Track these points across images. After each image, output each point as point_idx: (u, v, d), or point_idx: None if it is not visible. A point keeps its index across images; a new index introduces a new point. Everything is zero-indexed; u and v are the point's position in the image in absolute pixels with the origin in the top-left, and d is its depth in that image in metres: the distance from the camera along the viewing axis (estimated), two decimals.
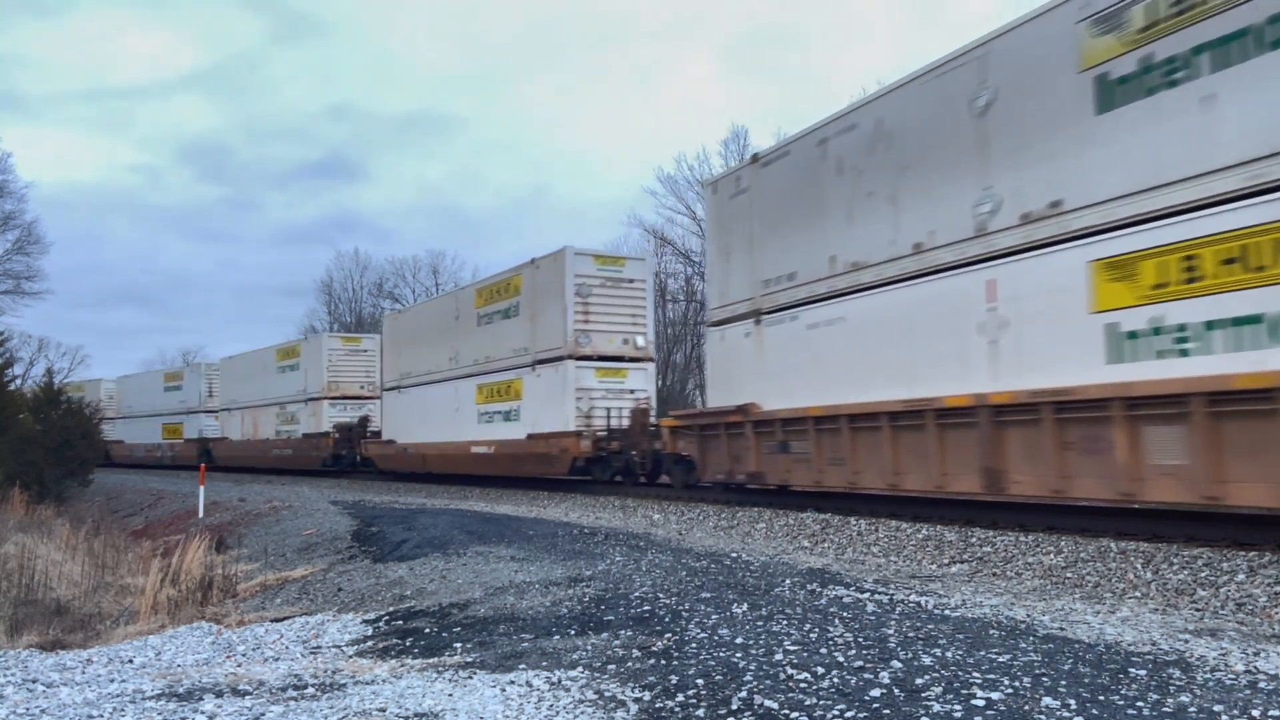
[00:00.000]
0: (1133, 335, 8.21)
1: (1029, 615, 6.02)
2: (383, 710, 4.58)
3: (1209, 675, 4.44)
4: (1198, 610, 6.53)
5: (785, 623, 5.82)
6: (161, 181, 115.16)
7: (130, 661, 6.99)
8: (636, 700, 4.45)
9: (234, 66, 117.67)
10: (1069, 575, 7.82)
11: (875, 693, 4.24)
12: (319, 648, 6.96)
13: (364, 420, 29.84)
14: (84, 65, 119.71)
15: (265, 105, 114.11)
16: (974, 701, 4.03)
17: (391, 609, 8.12)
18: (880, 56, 69.94)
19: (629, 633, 5.88)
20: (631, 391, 19.17)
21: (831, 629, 5.59)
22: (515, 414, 20.52)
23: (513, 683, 4.95)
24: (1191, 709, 3.90)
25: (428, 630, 6.79)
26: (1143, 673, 4.48)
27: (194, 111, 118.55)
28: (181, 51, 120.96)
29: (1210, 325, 7.62)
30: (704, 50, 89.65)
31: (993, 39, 9.79)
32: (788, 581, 7.38)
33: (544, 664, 5.31)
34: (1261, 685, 4.27)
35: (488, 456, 21.32)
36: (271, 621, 8.49)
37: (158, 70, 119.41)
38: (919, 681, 4.38)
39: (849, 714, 3.97)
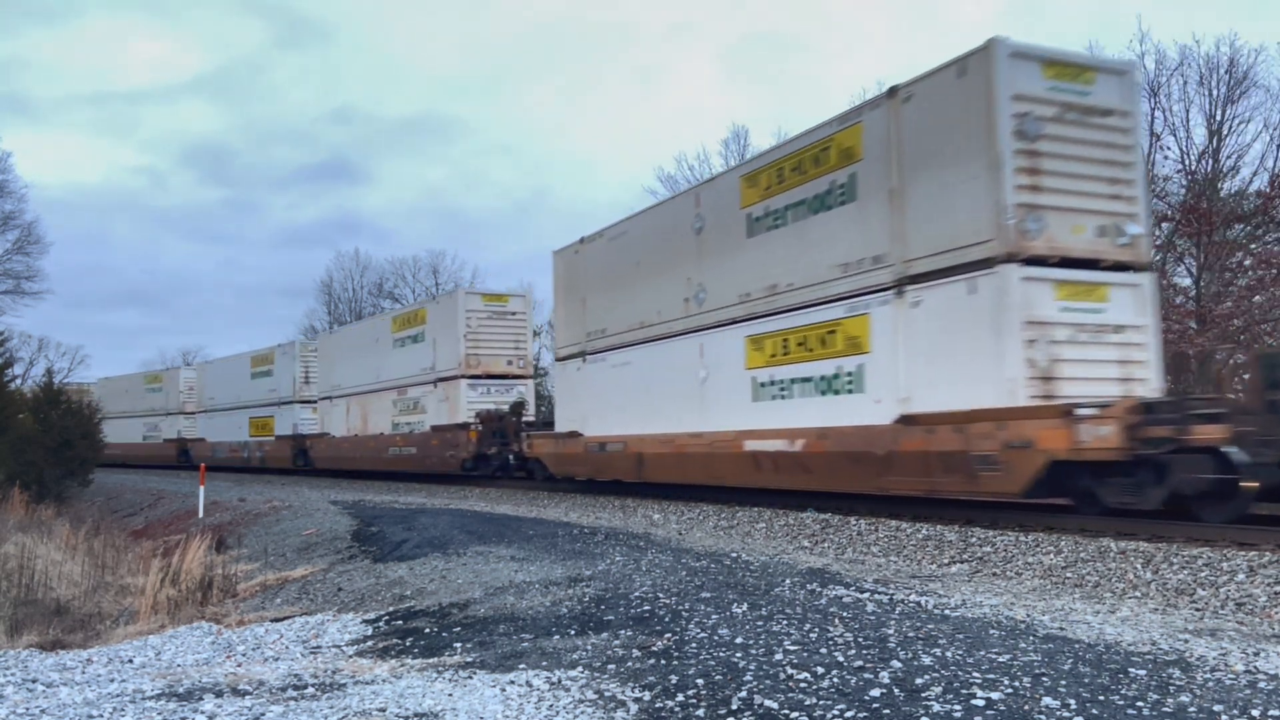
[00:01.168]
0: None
1: (1029, 615, 6.02)
2: (383, 710, 4.58)
3: (1209, 675, 4.44)
4: (1198, 610, 6.53)
5: (785, 623, 5.82)
6: (164, 183, 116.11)
7: (130, 661, 6.99)
8: (636, 700, 4.45)
9: (238, 70, 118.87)
10: (1069, 575, 7.82)
11: (875, 692, 4.24)
12: (319, 648, 6.96)
13: (518, 406, 22.55)
14: (89, 69, 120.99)
15: (268, 108, 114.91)
16: (974, 701, 4.03)
17: (391, 609, 8.12)
18: (877, 61, 70.20)
19: (629, 632, 5.88)
20: None
21: (831, 629, 5.59)
22: (852, 381, 11.56)
23: (513, 683, 4.95)
24: (1191, 709, 3.90)
25: (428, 630, 6.79)
26: (1143, 673, 4.48)
27: (197, 115, 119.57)
28: (186, 56, 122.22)
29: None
30: (703, 55, 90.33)
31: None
32: (788, 581, 7.38)
33: (544, 664, 5.31)
34: (1261, 685, 4.27)
35: (785, 457, 12.48)
36: (271, 621, 8.49)
37: (162, 74, 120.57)
38: (919, 681, 4.38)
39: (849, 714, 3.97)
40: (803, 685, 4.43)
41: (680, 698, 4.41)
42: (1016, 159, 9.41)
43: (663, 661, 5.08)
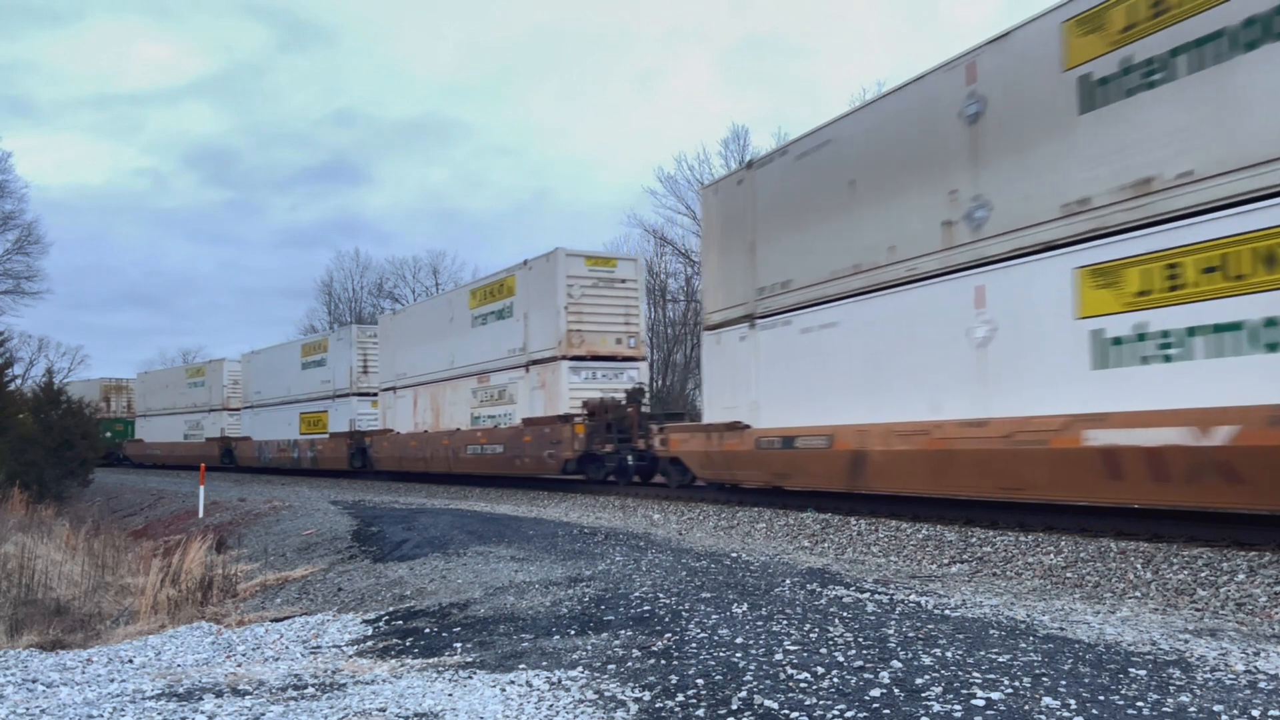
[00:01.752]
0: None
1: (1029, 615, 6.02)
2: (383, 710, 4.58)
3: (1209, 675, 4.44)
4: (1198, 610, 6.53)
5: (785, 623, 5.82)
6: (167, 185, 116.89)
7: (130, 661, 7.00)
8: (636, 700, 4.45)
9: (241, 74, 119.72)
10: (1069, 575, 7.82)
11: (875, 693, 4.24)
12: (319, 648, 6.96)
13: (637, 394, 18.63)
14: (94, 72, 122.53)
15: (271, 111, 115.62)
16: (974, 701, 4.03)
17: (391, 609, 8.12)
18: (875, 64, 70.22)
19: (629, 633, 5.88)
20: None
21: (831, 629, 5.59)
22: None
23: (513, 683, 4.95)
24: (1191, 709, 3.90)
25: (428, 630, 6.79)
26: (1143, 673, 4.48)
27: (200, 117, 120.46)
28: (189, 59, 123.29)
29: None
30: (703, 58, 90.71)
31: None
32: (788, 581, 7.38)
33: (544, 664, 5.31)
34: (1261, 685, 4.27)
35: (1185, 456, 7.70)
36: (271, 621, 8.49)
37: (166, 77, 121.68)
38: (919, 681, 4.38)
39: (849, 714, 3.97)
40: (803, 685, 4.43)
41: (680, 698, 4.41)
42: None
43: (663, 661, 5.08)
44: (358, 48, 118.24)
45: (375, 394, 28.23)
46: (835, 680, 4.47)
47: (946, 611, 6.11)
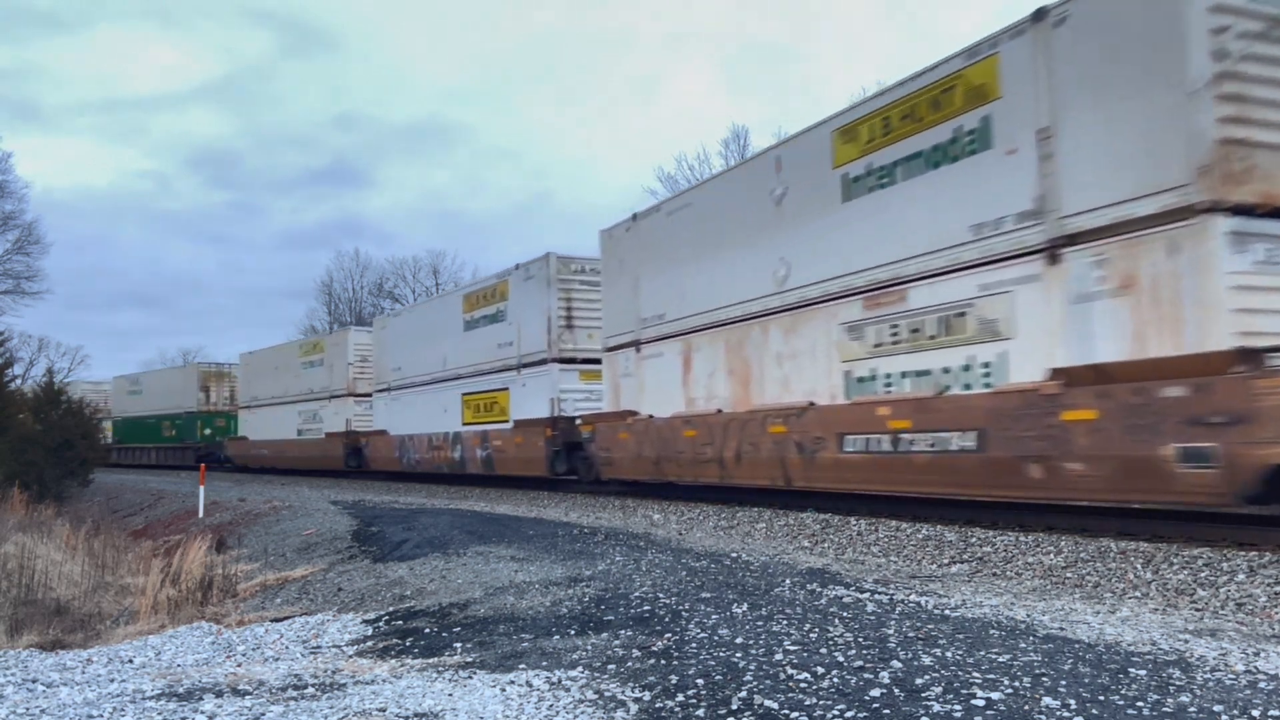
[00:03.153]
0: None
1: (1029, 615, 6.02)
2: (383, 710, 4.58)
3: (1209, 675, 4.44)
4: (1198, 610, 6.52)
5: (785, 623, 5.82)
6: (171, 187, 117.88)
7: (130, 661, 7.00)
8: (636, 700, 4.45)
9: (245, 78, 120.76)
10: (1069, 575, 7.82)
11: (875, 693, 4.24)
12: (319, 648, 6.96)
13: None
14: (100, 77, 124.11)
15: (274, 115, 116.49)
16: (974, 701, 4.03)
17: (391, 609, 8.12)
18: (872, 70, 70.40)
19: (629, 633, 5.88)
20: None
21: (831, 629, 5.59)
22: None
23: (513, 683, 4.95)
24: (1191, 709, 3.90)
25: (428, 630, 6.79)
26: (1143, 673, 4.48)
27: (204, 121, 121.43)
28: (195, 64, 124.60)
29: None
30: (701, 64, 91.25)
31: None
32: (788, 581, 7.38)
33: (544, 664, 5.31)
34: (1261, 685, 4.27)
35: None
36: (271, 621, 8.49)
37: (171, 82, 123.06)
38: (919, 681, 4.38)
39: (849, 714, 3.97)
40: (803, 685, 4.42)
41: (680, 698, 4.41)
42: None
43: (663, 661, 5.08)
44: (360, 53, 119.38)
45: (587, 359, 19.24)
46: (835, 680, 4.47)
47: (946, 611, 6.11)
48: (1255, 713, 3.84)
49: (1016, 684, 4.29)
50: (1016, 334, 9.37)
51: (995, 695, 4.11)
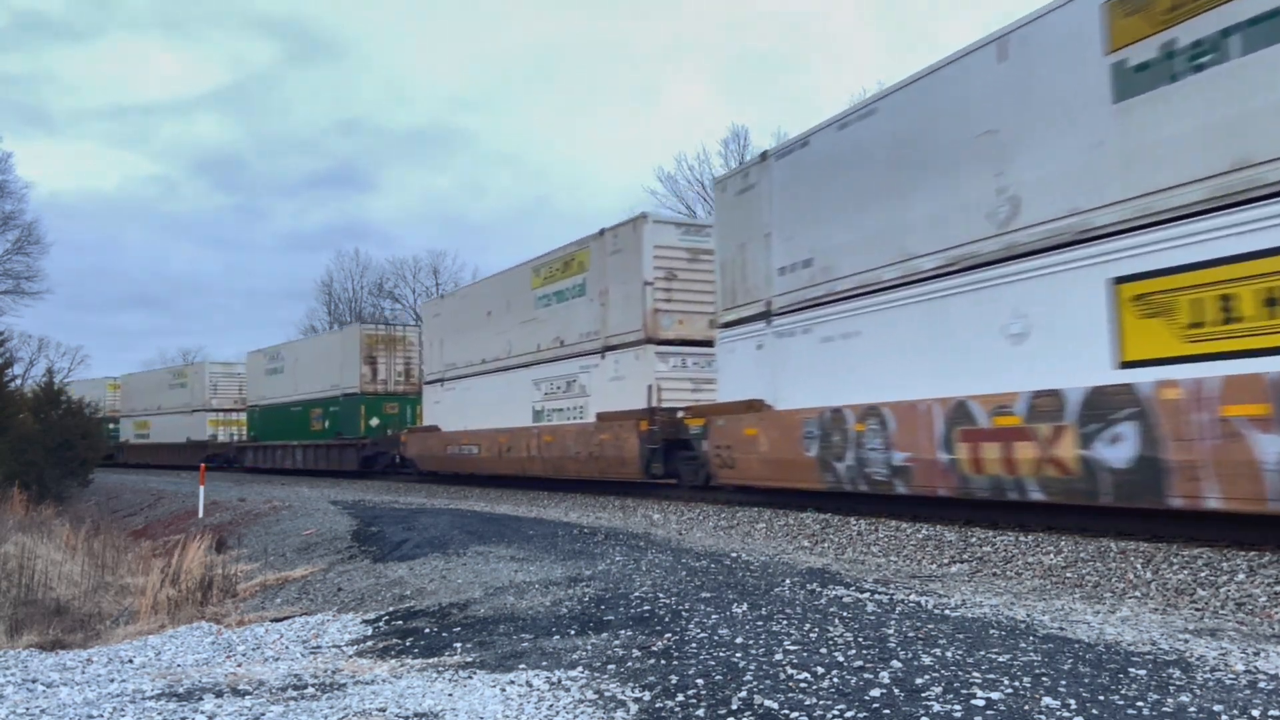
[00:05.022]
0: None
1: (1029, 615, 6.02)
2: (383, 710, 4.58)
3: (1209, 675, 4.44)
4: (1198, 610, 6.52)
5: (785, 623, 5.82)
6: (176, 191, 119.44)
7: (130, 661, 6.99)
8: (636, 700, 4.45)
9: (251, 85, 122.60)
10: (1069, 575, 7.82)
11: (875, 693, 4.24)
12: (319, 648, 6.96)
13: None
14: (109, 84, 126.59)
15: (279, 121, 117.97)
16: (974, 701, 4.03)
17: (391, 609, 8.12)
18: (871, 78, 70.64)
19: (629, 632, 5.88)
20: None
21: (831, 629, 5.59)
22: None
23: (513, 683, 4.95)
24: (1191, 709, 3.90)
25: (428, 630, 6.79)
26: (1143, 673, 4.48)
27: (211, 126, 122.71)
28: (202, 72, 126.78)
29: None
30: (699, 73, 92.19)
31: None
32: (788, 581, 7.38)
33: (544, 664, 5.31)
34: (1261, 685, 4.27)
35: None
36: (271, 621, 8.49)
37: (179, 89, 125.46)
38: (919, 681, 4.38)
39: (849, 714, 3.97)
40: (803, 685, 4.42)
41: (680, 698, 4.40)
42: None
43: (663, 661, 5.08)
44: (365, 61, 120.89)
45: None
46: (835, 680, 4.47)
47: (946, 611, 6.11)
48: (1255, 713, 3.83)
49: (1016, 684, 4.29)
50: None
51: (995, 695, 4.11)
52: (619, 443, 16.38)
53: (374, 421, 29.92)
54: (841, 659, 4.86)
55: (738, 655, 5.05)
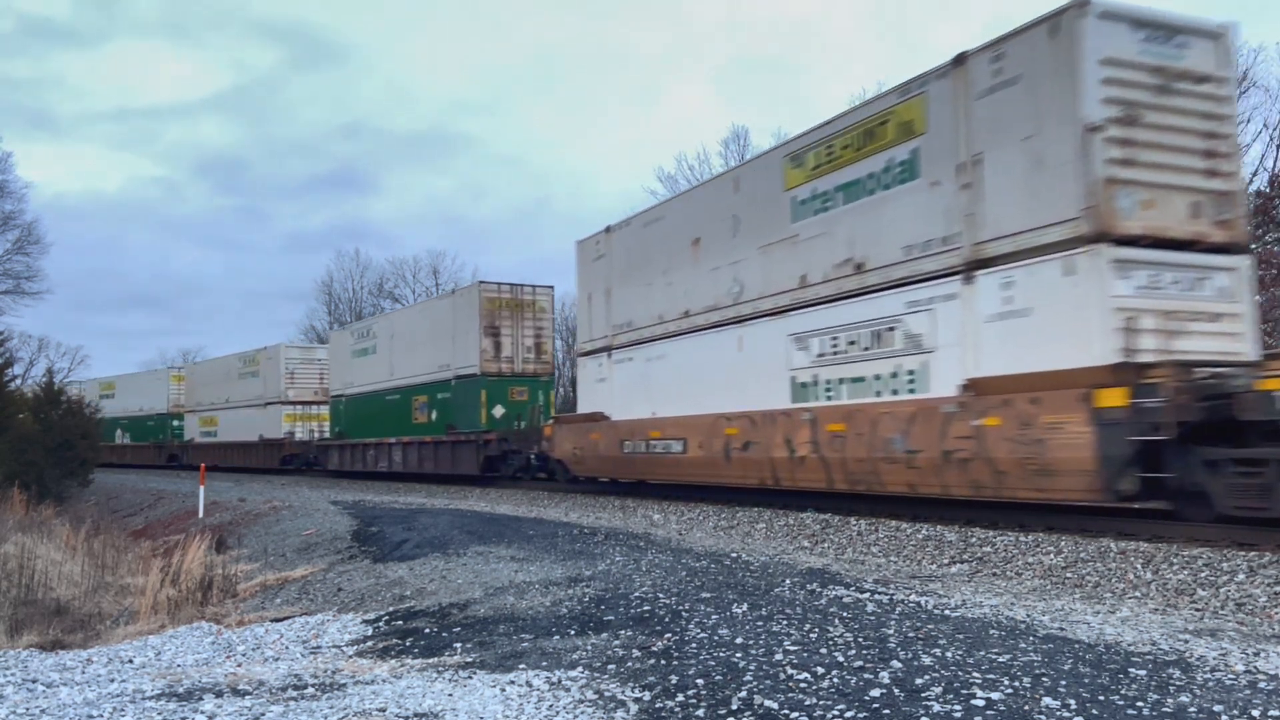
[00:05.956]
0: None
1: (1029, 615, 6.02)
2: (383, 710, 4.58)
3: (1209, 675, 4.44)
4: (1198, 610, 6.52)
5: (785, 623, 5.82)
6: (179, 193, 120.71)
7: (130, 661, 6.99)
8: (636, 700, 4.45)
9: (255, 89, 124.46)
10: (1069, 575, 7.82)
11: (875, 693, 4.24)
12: (319, 648, 6.96)
13: None
14: (113, 88, 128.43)
15: (282, 124, 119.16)
16: (974, 701, 4.03)
17: (391, 609, 8.12)
18: (867, 83, 70.72)
19: (629, 633, 5.88)
20: None
21: (831, 629, 5.59)
22: None
23: (513, 683, 4.95)
24: (1191, 709, 3.90)
25: (428, 630, 6.79)
26: (1143, 673, 4.47)
27: (214, 130, 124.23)
28: (206, 76, 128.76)
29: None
30: (697, 77, 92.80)
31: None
32: (788, 581, 7.38)
33: (544, 664, 5.31)
34: (1261, 685, 4.27)
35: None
36: (271, 621, 8.48)
37: (183, 92, 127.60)
38: (919, 681, 4.38)
39: (849, 714, 3.97)
40: (803, 685, 4.42)
41: (680, 698, 4.40)
42: None
43: (663, 661, 5.08)
44: (367, 65, 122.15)
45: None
46: (835, 680, 4.47)
47: (946, 611, 6.11)
48: (1255, 713, 3.83)
49: (1016, 684, 4.29)
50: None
51: (995, 695, 4.11)
52: (1034, 433, 9.19)
53: (497, 411, 22.56)
54: (841, 659, 4.86)
55: (738, 655, 5.04)
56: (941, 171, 10.51)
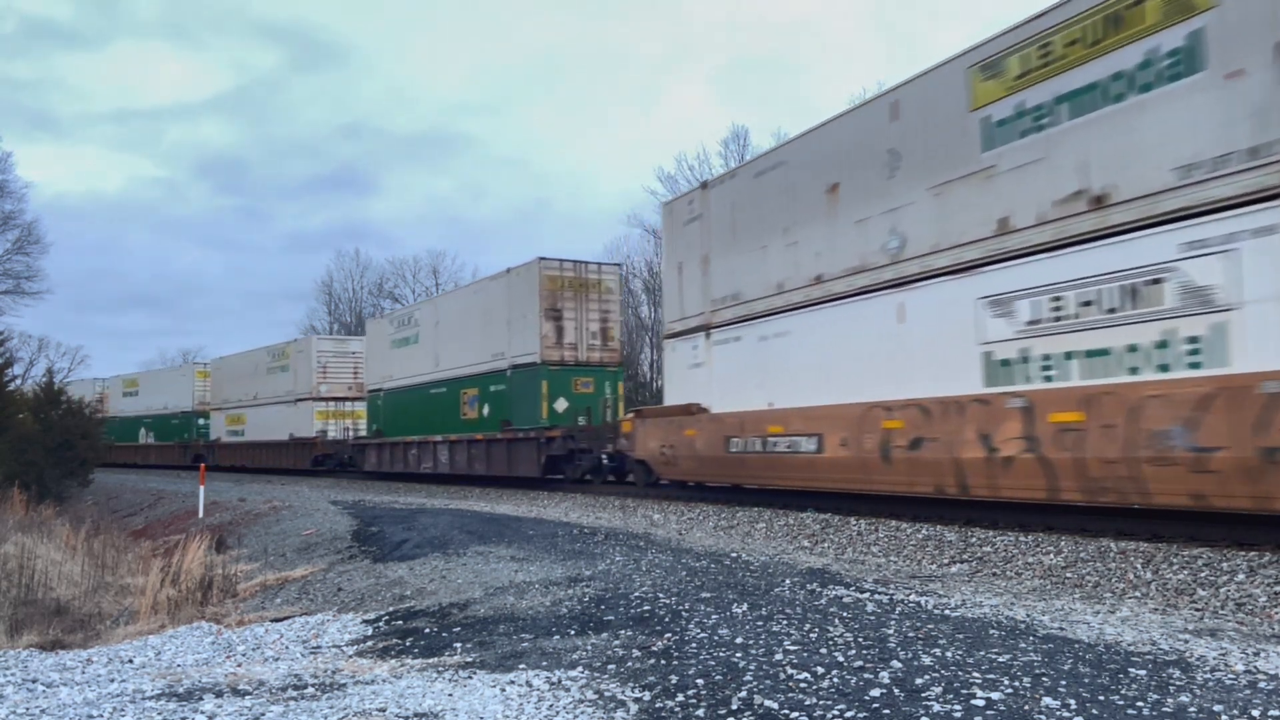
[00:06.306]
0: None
1: (1029, 615, 6.02)
2: (383, 710, 4.58)
3: (1209, 675, 4.44)
4: (1198, 610, 6.52)
5: (785, 623, 5.82)
6: (180, 194, 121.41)
7: (130, 661, 6.99)
8: (636, 700, 4.45)
9: (255, 90, 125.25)
10: (1069, 575, 7.82)
11: (875, 693, 4.24)
12: (319, 648, 6.96)
13: None
14: (115, 89, 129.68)
15: (282, 125, 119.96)
16: (974, 701, 4.03)
17: (391, 609, 8.12)
18: (865, 84, 70.74)
19: (629, 632, 5.88)
20: None
21: (831, 629, 5.59)
22: None
23: (513, 683, 4.95)
24: (1191, 709, 3.90)
25: (428, 630, 6.79)
26: (1143, 673, 4.48)
27: (215, 131, 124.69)
28: (207, 77, 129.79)
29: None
30: (698, 76, 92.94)
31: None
32: (788, 581, 7.38)
33: (544, 664, 5.31)
34: (1261, 685, 4.27)
35: None
36: (271, 621, 8.49)
37: (184, 94, 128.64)
38: (919, 681, 4.38)
39: (849, 714, 3.97)
40: (803, 685, 4.42)
41: (680, 698, 4.40)
42: None
43: (663, 661, 5.08)
44: (368, 67, 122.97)
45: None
46: (835, 680, 4.47)
47: (946, 611, 6.11)
48: (1255, 713, 3.83)
49: (1016, 684, 4.29)
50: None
51: (995, 695, 4.11)
52: None
53: (560, 405, 20.28)
54: (841, 659, 4.86)
55: (738, 655, 5.05)
56: (1246, 56, 7.61)
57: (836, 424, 11.62)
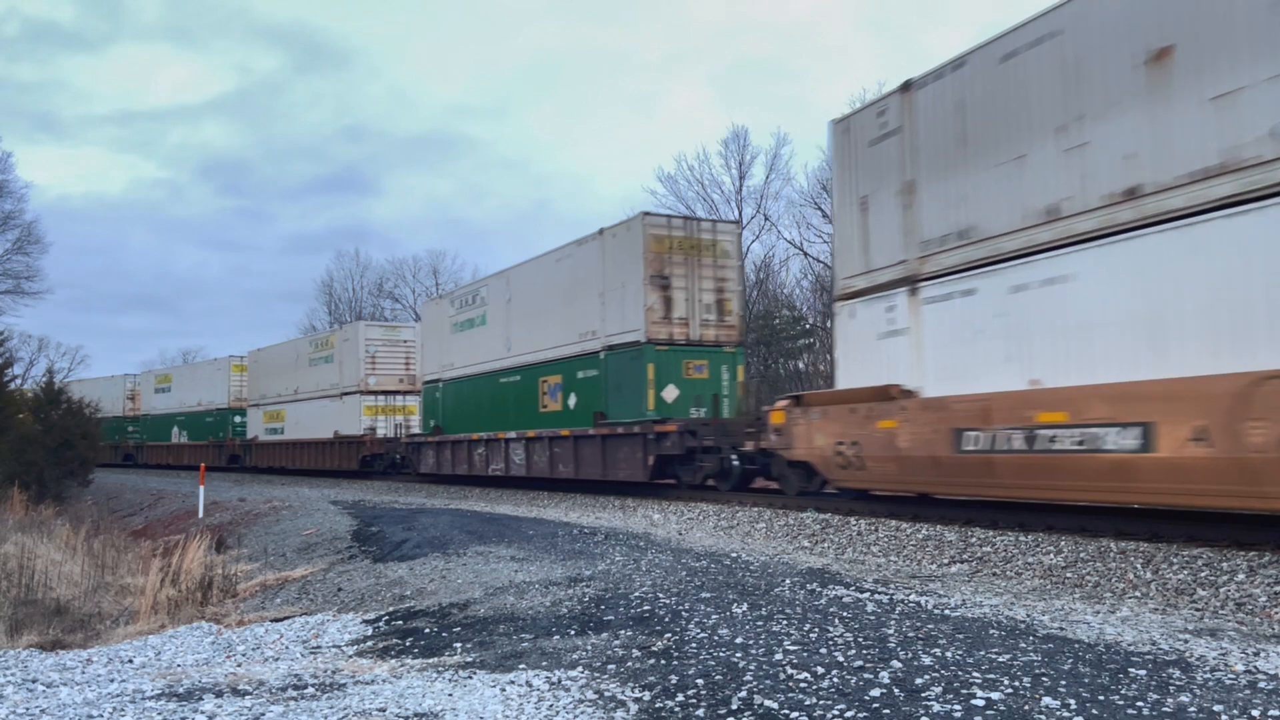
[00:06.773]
0: None
1: (1029, 615, 6.02)
2: (383, 710, 4.58)
3: (1209, 675, 4.44)
4: (1198, 610, 6.52)
5: (785, 623, 5.82)
6: (182, 195, 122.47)
7: (130, 661, 6.99)
8: (636, 700, 4.45)
9: (258, 93, 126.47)
10: (1069, 575, 7.82)
11: (875, 692, 4.24)
12: (319, 648, 6.96)
13: None
14: (118, 91, 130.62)
15: (284, 127, 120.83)
16: (974, 701, 4.03)
17: (391, 609, 8.12)
18: (864, 85, 70.77)
19: (629, 633, 5.88)
20: None
21: (831, 629, 5.59)
22: None
23: (513, 683, 4.95)
24: (1191, 709, 3.90)
25: (428, 630, 6.79)
26: (1143, 673, 4.48)
27: (217, 132, 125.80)
28: (210, 80, 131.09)
29: None
30: (697, 78, 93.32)
31: None
32: (788, 581, 7.38)
33: (544, 664, 5.31)
34: (1261, 685, 4.27)
35: None
36: (271, 621, 8.49)
37: (186, 96, 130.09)
38: (919, 681, 4.38)
39: (849, 714, 3.97)
40: (803, 685, 4.42)
41: (680, 698, 4.40)
42: None
43: (663, 661, 5.08)
44: (370, 69, 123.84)
45: None
46: (835, 680, 4.47)
47: (946, 611, 6.11)
48: (1255, 713, 3.83)
49: (1016, 684, 4.29)
50: None
51: (995, 695, 4.11)
52: None
53: (669, 393, 16.62)
54: (841, 659, 4.86)
55: (738, 655, 5.05)
56: None
57: (1183, 408, 7.70)
